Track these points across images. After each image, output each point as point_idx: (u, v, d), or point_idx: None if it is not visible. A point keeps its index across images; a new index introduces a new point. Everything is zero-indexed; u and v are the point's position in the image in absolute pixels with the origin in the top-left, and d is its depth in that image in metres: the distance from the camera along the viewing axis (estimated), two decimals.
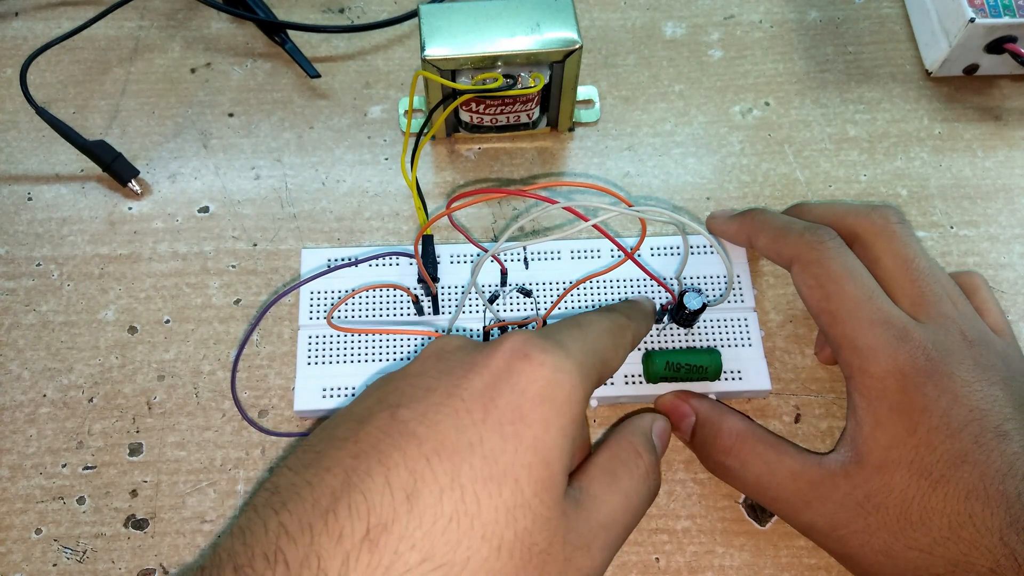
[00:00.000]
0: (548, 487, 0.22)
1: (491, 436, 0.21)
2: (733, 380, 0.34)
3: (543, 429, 0.22)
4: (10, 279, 0.37)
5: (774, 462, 0.30)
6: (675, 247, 0.37)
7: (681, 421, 0.32)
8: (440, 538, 0.20)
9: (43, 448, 0.34)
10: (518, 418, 0.22)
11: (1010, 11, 0.39)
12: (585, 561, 0.23)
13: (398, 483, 0.20)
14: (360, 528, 0.20)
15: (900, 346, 0.28)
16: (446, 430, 0.21)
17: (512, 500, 0.21)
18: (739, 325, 0.35)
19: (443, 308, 0.35)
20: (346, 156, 0.41)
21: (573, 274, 0.36)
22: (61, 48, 0.42)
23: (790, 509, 0.29)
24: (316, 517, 0.20)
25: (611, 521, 0.24)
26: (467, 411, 0.22)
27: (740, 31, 0.44)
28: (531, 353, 0.23)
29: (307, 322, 0.35)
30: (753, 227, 0.34)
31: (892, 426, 0.28)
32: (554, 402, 0.22)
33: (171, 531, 0.32)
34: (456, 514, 0.20)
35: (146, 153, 0.41)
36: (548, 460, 0.22)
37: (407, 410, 0.22)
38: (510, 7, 0.36)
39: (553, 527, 0.22)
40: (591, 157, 0.41)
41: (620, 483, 0.25)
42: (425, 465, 0.21)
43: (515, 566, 0.21)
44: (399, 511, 0.20)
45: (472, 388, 0.22)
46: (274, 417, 0.35)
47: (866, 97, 0.42)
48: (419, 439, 0.21)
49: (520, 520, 0.21)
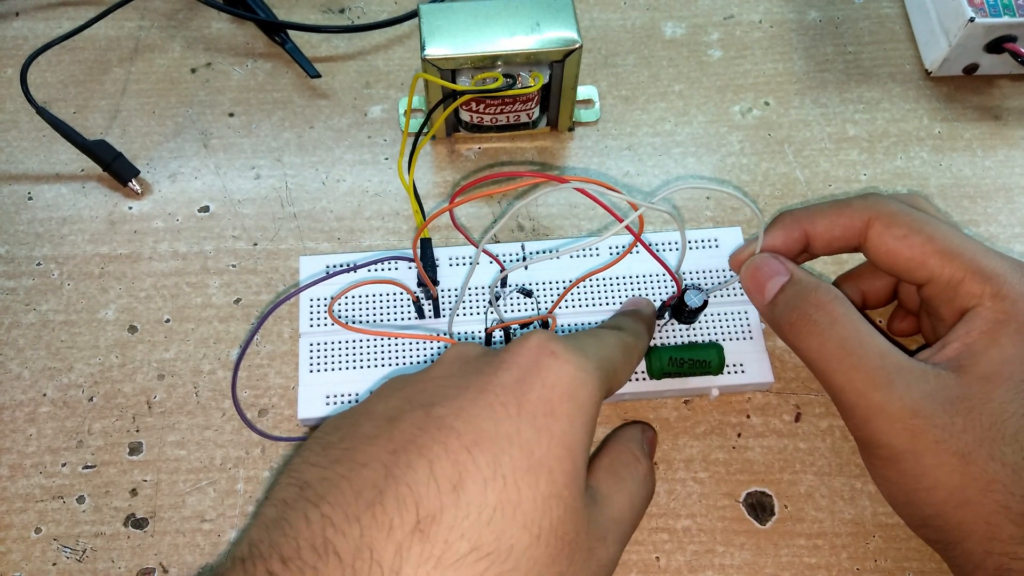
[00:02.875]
0: (575, 479, 0.22)
1: (526, 428, 0.22)
2: (735, 374, 0.34)
3: (570, 423, 0.23)
4: (10, 278, 0.37)
5: (865, 333, 0.27)
6: (671, 242, 0.37)
7: (769, 280, 0.30)
8: (486, 528, 0.20)
9: (43, 447, 0.34)
10: (549, 411, 0.23)
11: (1010, 11, 0.39)
12: (603, 552, 0.24)
13: (443, 474, 0.21)
14: (410, 519, 0.20)
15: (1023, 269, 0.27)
16: (483, 423, 0.22)
17: (548, 490, 0.22)
18: (740, 318, 0.35)
19: (444, 311, 0.35)
20: (346, 156, 0.41)
21: (573, 272, 0.36)
22: (61, 48, 0.42)
23: (866, 383, 0.27)
24: (362, 509, 0.20)
25: (621, 517, 0.25)
26: (501, 404, 0.22)
27: (740, 31, 0.44)
28: (557, 350, 0.24)
29: (308, 329, 0.35)
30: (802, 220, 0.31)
31: (1012, 346, 0.26)
32: (577, 399, 0.23)
33: (171, 530, 0.32)
34: (500, 503, 0.21)
35: (146, 153, 0.41)
36: (575, 454, 0.23)
37: (441, 407, 0.23)
38: (510, 7, 0.36)
39: (579, 518, 0.22)
40: (591, 157, 0.41)
41: (624, 484, 0.26)
42: (467, 456, 0.21)
43: (550, 554, 0.21)
44: (446, 502, 0.20)
45: (503, 383, 0.23)
46: (274, 416, 0.34)
47: (866, 97, 0.42)
48: (458, 432, 0.22)
49: (554, 509, 0.22)
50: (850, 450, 0.34)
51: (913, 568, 0.32)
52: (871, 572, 0.32)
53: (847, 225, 0.30)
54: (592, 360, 0.24)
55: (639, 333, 0.30)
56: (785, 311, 0.29)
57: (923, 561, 0.32)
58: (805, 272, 0.30)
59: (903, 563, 0.32)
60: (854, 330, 0.27)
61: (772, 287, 0.30)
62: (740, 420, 0.34)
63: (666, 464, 0.34)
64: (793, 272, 0.30)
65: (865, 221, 0.30)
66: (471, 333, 0.35)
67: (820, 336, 0.28)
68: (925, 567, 0.32)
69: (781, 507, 0.33)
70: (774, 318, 0.30)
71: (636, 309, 0.33)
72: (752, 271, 0.31)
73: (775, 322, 0.30)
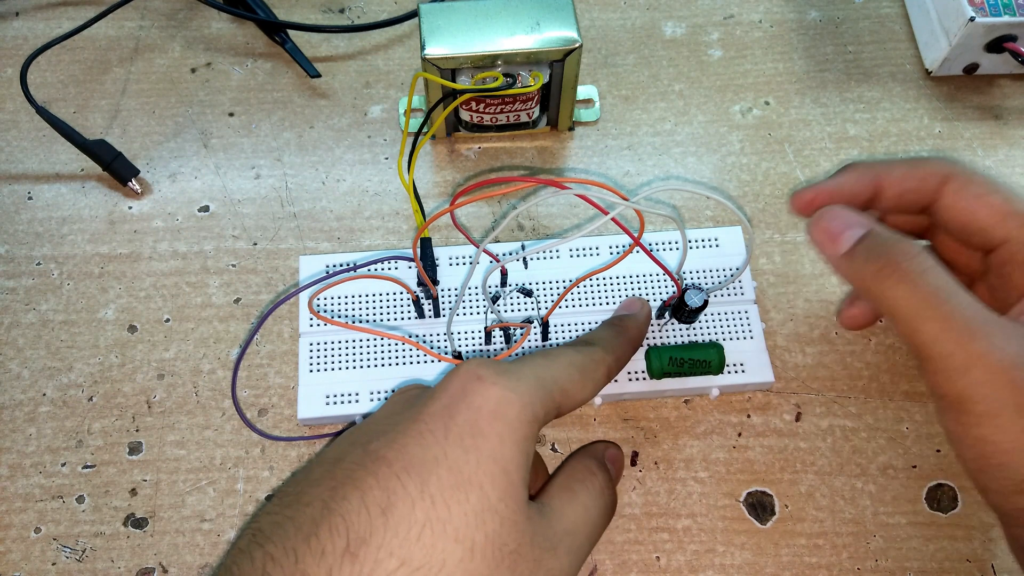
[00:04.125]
0: (511, 493, 0.23)
1: (453, 449, 0.23)
2: (736, 373, 0.34)
3: (499, 442, 0.24)
4: (10, 278, 0.37)
5: (956, 284, 0.25)
6: (671, 242, 0.37)
7: (845, 230, 0.28)
8: (416, 544, 0.22)
9: (43, 447, 0.34)
10: (476, 432, 0.24)
11: (1010, 10, 0.39)
12: (553, 563, 0.24)
13: (373, 501, 0.22)
14: (340, 544, 0.22)
15: None
16: (412, 449, 0.23)
17: (479, 504, 0.23)
18: (740, 318, 0.35)
19: (443, 310, 0.35)
20: (346, 155, 0.41)
21: (573, 272, 0.36)
22: (61, 48, 0.42)
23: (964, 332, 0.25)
24: (299, 542, 0.22)
25: (574, 529, 0.25)
26: (430, 431, 0.24)
27: (740, 31, 0.44)
28: (483, 375, 0.25)
29: (307, 329, 0.35)
30: (877, 169, 0.30)
31: None
32: (506, 418, 0.24)
33: (171, 530, 0.32)
34: (428, 520, 0.22)
35: (146, 152, 0.41)
36: (507, 469, 0.23)
37: (377, 442, 0.24)
38: (510, 6, 0.36)
39: (520, 529, 0.23)
40: (591, 156, 0.41)
41: (578, 497, 0.27)
42: (396, 482, 0.23)
43: (488, 566, 0.22)
44: (375, 524, 0.22)
45: (431, 411, 0.24)
46: (274, 416, 0.34)
47: (866, 96, 0.42)
48: (388, 461, 0.23)
49: (488, 522, 0.23)
50: (850, 450, 0.34)
51: (913, 568, 0.32)
52: (871, 572, 0.32)
53: (923, 179, 0.29)
54: (525, 381, 0.25)
55: (612, 347, 0.30)
56: (869, 259, 0.27)
57: (923, 561, 0.32)
58: (883, 226, 0.28)
59: (903, 563, 0.32)
60: (946, 280, 0.25)
61: (849, 237, 0.28)
62: (740, 420, 0.34)
63: (666, 464, 0.34)
64: (872, 224, 0.28)
65: (941, 178, 0.29)
66: (470, 332, 0.35)
67: (912, 284, 0.26)
68: (925, 567, 0.32)
69: (781, 507, 0.33)
70: (852, 268, 0.28)
71: (624, 316, 0.33)
72: (824, 221, 0.28)
73: (854, 272, 0.27)
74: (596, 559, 0.32)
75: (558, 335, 0.35)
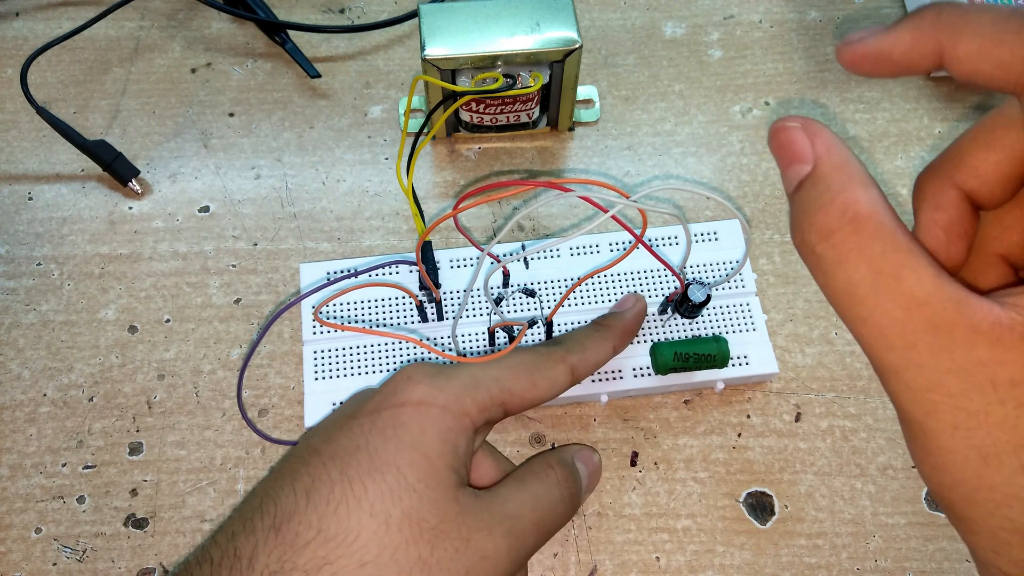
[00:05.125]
0: (431, 475, 0.25)
1: (375, 439, 0.26)
2: (740, 366, 0.34)
3: (420, 431, 0.26)
4: (10, 278, 0.37)
5: (889, 274, 0.19)
6: (673, 236, 0.37)
7: (790, 166, 0.21)
8: (332, 517, 0.24)
9: (43, 447, 0.34)
10: (398, 424, 0.26)
11: None
12: (487, 543, 0.25)
13: (300, 486, 0.25)
14: (268, 522, 0.25)
15: None
16: (340, 441, 0.26)
17: (396, 484, 0.25)
18: (742, 310, 0.35)
19: (446, 314, 0.35)
20: (346, 156, 0.41)
21: (575, 271, 0.36)
22: (62, 48, 0.42)
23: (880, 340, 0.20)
24: (238, 525, 0.25)
25: (517, 514, 0.26)
26: (358, 425, 0.26)
27: (740, 31, 0.44)
28: (413, 376, 0.27)
29: (311, 337, 0.34)
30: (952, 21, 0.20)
31: None
32: (429, 412, 0.26)
33: (171, 530, 0.32)
34: (345, 498, 0.24)
35: (146, 153, 0.41)
36: (428, 455, 0.25)
37: (317, 437, 0.27)
38: (510, 7, 0.36)
39: (443, 508, 0.25)
40: (591, 156, 0.41)
41: (528, 486, 0.28)
42: (322, 468, 0.25)
43: (404, 537, 0.24)
44: (299, 503, 0.25)
45: (364, 409, 0.27)
46: (274, 416, 0.34)
47: (866, 96, 0.42)
48: (319, 452, 0.26)
49: (405, 500, 0.25)
50: (850, 450, 0.34)
51: (913, 568, 0.32)
52: (871, 572, 0.32)
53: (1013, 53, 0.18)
54: (456, 380, 0.27)
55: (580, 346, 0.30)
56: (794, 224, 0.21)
57: (923, 561, 0.32)
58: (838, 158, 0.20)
59: (903, 563, 0.32)
60: (872, 273, 0.19)
61: (791, 177, 0.21)
62: (740, 420, 0.34)
63: (666, 464, 0.34)
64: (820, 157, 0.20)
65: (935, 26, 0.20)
66: (475, 334, 0.35)
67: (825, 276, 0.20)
68: (925, 567, 0.32)
69: (781, 507, 0.33)
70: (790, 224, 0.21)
71: (609, 314, 0.33)
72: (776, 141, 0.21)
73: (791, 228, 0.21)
74: (596, 559, 0.32)
75: None
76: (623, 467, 0.34)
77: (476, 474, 0.29)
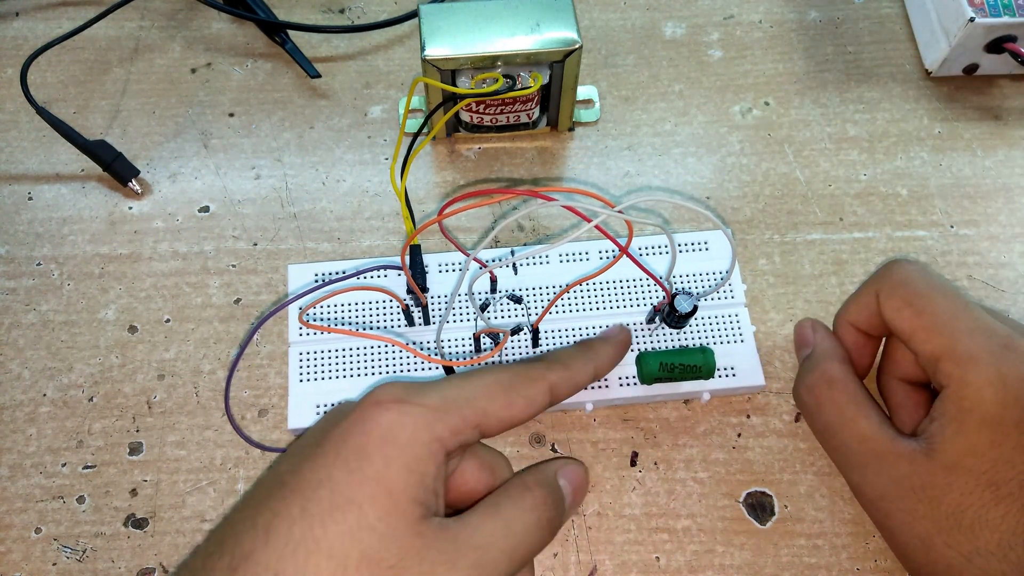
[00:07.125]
0: (393, 511, 0.24)
1: (339, 472, 0.25)
2: (727, 377, 0.34)
3: (384, 464, 0.25)
4: (10, 279, 0.37)
5: (848, 418, 0.30)
6: (661, 245, 0.37)
7: (800, 348, 0.34)
8: (290, 559, 0.23)
9: (43, 447, 0.34)
10: (363, 456, 0.25)
11: (1010, 11, 0.39)
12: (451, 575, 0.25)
13: (261, 521, 0.24)
14: (227, 561, 0.24)
15: (1005, 354, 0.27)
16: (305, 473, 0.25)
17: (355, 523, 0.24)
18: (730, 322, 0.35)
19: (433, 318, 0.35)
20: (346, 156, 0.41)
21: (563, 278, 0.36)
22: (62, 48, 0.42)
23: (846, 464, 0.31)
24: (200, 561, 0.25)
25: (485, 544, 0.25)
26: (323, 455, 0.25)
27: (740, 31, 0.44)
28: (382, 400, 0.26)
29: (297, 339, 0.34)
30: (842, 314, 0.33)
31: (976, 436, 0.27)
32: (396, 442, 0.25)
33: (171, 530, 0.32)
34: (304, 539, 0.24)
35: (146, 153, 0.41)
36: (391, 490, 0.24)
37: (283, 466, 0.27)
38: (510, 7, 0.36)
39: (403, 545, 0.24)
40: (591, 157, 0.41)
41: (501, 512, 0.27)
42: (283, 503, 0.25)
43: None
44: (258, 542, 0.24)
45: (331, 437, 0.26)
46: (274, 416, 0.35)
47: (866, 97, 0.42)
48: (284, 484, 0.25)
49: (365, 540, 0.24)
50: None
51: None
52: (871, 572, 0.32)
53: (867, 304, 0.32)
54: (425, 403, 0.26)
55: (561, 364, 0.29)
56: (795, 382, 0.33)
57: None
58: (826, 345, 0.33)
59: None
60: (839, 417, 0.30)
61: (800, 354, 0.34)
62: (740, 420, 0.34)
63: (666, 464, 0.34)
64: (817, 343, 0.33)
65: (876, 300, 0.31)
66: (460, 340, 0.35)
67: (810, 417, 0.32)
68: None
69: (781, 507, 0.33)
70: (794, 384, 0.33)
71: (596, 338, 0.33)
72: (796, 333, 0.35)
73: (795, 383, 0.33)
74: (596, 559, 0.32)
75: (549, 341, 0.35)
76: (623, 467, 0.34)
77: (461, 491, 0.28)
